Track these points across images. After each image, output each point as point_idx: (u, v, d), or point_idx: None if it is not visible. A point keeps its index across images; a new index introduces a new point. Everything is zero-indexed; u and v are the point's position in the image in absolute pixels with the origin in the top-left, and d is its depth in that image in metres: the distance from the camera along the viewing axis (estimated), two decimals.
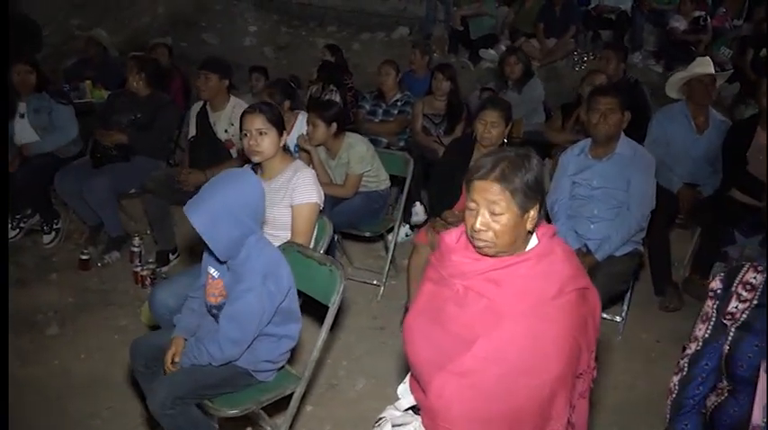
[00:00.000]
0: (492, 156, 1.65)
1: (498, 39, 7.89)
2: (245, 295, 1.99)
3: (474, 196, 1.61)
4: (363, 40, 8.73)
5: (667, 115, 3.95)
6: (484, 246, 1.61)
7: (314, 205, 2.62)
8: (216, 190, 1.99)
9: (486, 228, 1.59)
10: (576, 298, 1.61)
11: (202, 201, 1.97)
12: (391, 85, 4.93)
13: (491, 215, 1.59)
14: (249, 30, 9.36)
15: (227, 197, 1.97)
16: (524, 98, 5.01)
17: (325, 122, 3.47)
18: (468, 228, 1.64)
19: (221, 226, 1.95)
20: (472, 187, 1.62)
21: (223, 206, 1.96)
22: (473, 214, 1.62)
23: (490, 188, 1.59)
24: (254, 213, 2.03)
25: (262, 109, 2.60)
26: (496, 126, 3.27)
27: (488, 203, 1.59)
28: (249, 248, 2.02)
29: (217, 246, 1.98)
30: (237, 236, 1.98)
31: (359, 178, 3.57)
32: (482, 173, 1.60)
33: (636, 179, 3.03)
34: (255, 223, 2.04)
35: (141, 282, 3.72)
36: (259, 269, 1.99)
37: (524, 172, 1.61)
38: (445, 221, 3.33)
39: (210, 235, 1.96)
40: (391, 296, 3.77)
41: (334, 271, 2.19)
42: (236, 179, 2.03)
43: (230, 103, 3.84)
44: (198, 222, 1.94)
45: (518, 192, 1.59)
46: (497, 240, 1.60)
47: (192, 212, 1.95)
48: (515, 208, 1.59)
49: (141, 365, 2.16)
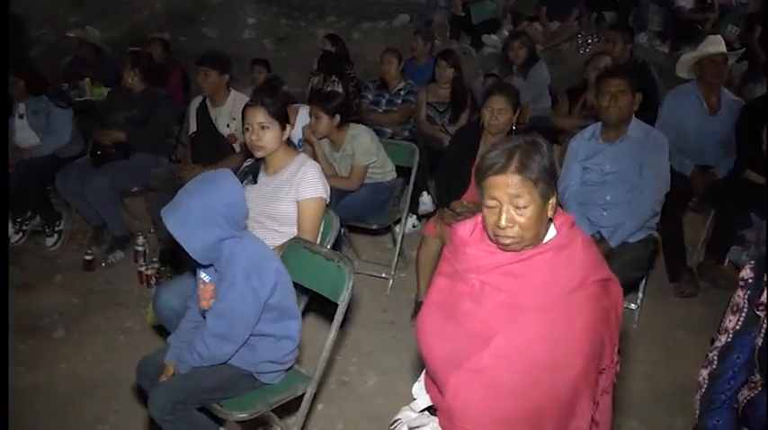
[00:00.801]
0: (501, 149, 1.57)
1: (500, 23, 7.77)
2: (228, 292, 1.95)
3: (493, 193, 1.53)
4: (364, 29, 8.61)
5: (678, 96, 3.86)
6: (511, 242, 1.54)
7: (320, 200, 2.55)
8: (191, 193, 1.93)
9: (512, 223, 1.52)
10: (597, 289, 1.54)
11: (178, 204, 1.92)
12: (394, 73, 4.84)
13: (515, 209, 1.52)
14: (248, 22, 9.25)
15: (203, 200, 1.91)
16: (530, 83, 4.91)
17: (327, 114, 3.40)
18: (489, 226, 1.56)
19: (196, 230, 1.90)
20: (489, 184, 1.54)
21: (198, 209, 1.90)
22: (494, 212, 1.54)
23: (510, 181, 1.51)
24: (231, 216, 1.96)
25: (264, 102, 2.52)
26: (504, 113, 3.19)
27: (511, 198, 1.52)
28: (231, 248, 1.96)
29: (193, 250, 1.93)
30: (213, 240, 1.93)
31: (364, 170, 3.50)
32: (498, 167, 1.53)
33: (649, 162, 2.95)
34: (234, 226, 1.97)
35: (146, 282, 3.66)
36: (241, 266, 1.94)
37: (540, 157, 1.55)
38: (453, 212, 3.26)
39: (186, 239, 1.90)
40: (400, 289, 3.71)
41: (342, 267, 2.13)
42: (212, 181, 1.96)
43: (231, 96, 3.76)
44: (173, 226, 1.88)
45: (540, 180, 1.52)
46: (525, 234, 1.53)
47: (167, 216, 1.89)
48: (538, 197, 1.52)
49: (147, 384, 2.11)
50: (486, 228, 1.59)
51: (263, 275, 1.97)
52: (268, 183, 2.60)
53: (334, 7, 9.31)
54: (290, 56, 8.42)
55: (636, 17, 7.55)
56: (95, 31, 6.39)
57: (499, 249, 1.61)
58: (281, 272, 2.05)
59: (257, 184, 2.64)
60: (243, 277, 1.93)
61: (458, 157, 3.38)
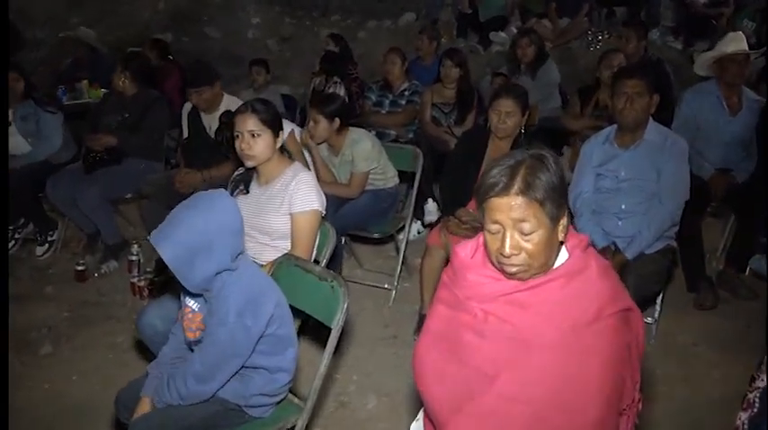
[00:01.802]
0: (503, 166, 1.39)
1: (508, 20, 7.59)
2: (216, 329, 1.77)
3: (495, 217, 1.36)
4: (369, 29, 8.45)
5: (697, 95, 3.66)
6: (517, 271, 1.37)
7: (315, 213, 2.39)
8: (189, 217, 1.74)
9: (518, 250, 1.35)
10: (616, 322, 1.37)
11: (173, 229, 1.72)
12: (398, 74, 4.67)
13: (520, 235, 1.35)
14: (252, 22, 9.11)
15: (203, 228, 1.72)
16: (538, 83, 4.73)
17: (326, 118, 3.23)
18: (492, 253, 1.39)
19: (196, 261, 1.71)
20: (490, 207, 1.37)
21: (198, 239, 1.71)
22: (497, 237, 1.37)
23: (514, 204, 1.34)
24: (233, 245, 1.79)
25: (255, 108, 2.35)
26: (512, 116, 3.02)
27: (515, 222, 1.34)
28: (224, 280, 1.78)
29: (191, 281, 1.75)
30: (212, 272, 1.75)
31: (365, 176, 3.33)
32: (500, 188, 1.35)
33: (668, 168, 2.76)
34: (232, 255, 1.79)
35: (139, 294, 3.52)
36: (234, 301, 1.76)
37: (548, 174, 1.37)
38: (459, 220, 3.09)
39: (184, 270, 1.72)
40: (404, 300, 3.55)
41: (336, 288, 1.96)
42: (210, 204, 1.78)
43: (223, 102, 3.60)
44: (169, 255, 1.69)
45: (547, 200, 1.34)
46: (533, 261, 1.36)
47: (161, 243, 1.70)
48: (547, 220, 1.35)
49: (126, 417, 1.94)
50: (489, 255, 1.42)
51: (257, 311, 1.78)
52: (260, 195, 2.44)
53: (339, 6, 9.16)
54: (293, 55, 8.29)
55: (647, 12, 7.35)
56: (90, 32, 6.26)
57: (504, 276, 1.44)
58: (281, 303, 1.87)
59: (249, 195, 2.48)
60: (235, 315, 1.75)
61: (463, 162, 3.21)
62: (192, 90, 3.56)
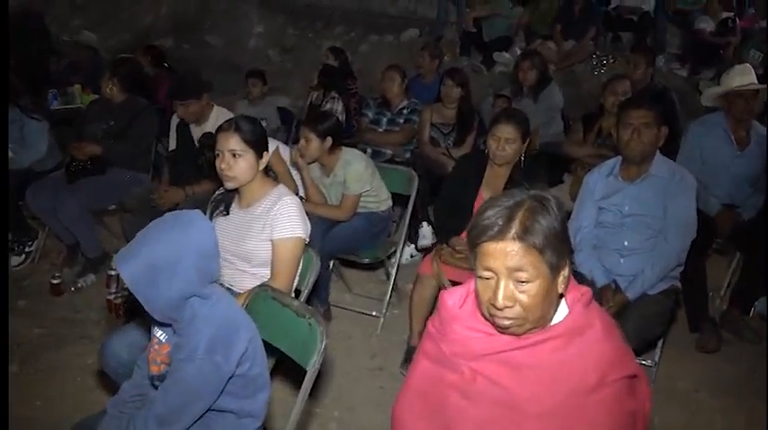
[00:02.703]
0: (499, 207, 1.25)
1: (513, 41, 7.49)
2: (183, 366, 1.60)
3: (489, 263, 1.22)
4: (371, 42, 8.35)
5: (703, 127, 3.52)
6: (511, 325, 1.23)
7: (298, 240, 2.23)
8: (154, 237, 1.60)
9: (512, 302, 1.21)
10: (621, 390, 1.22)
11: (137, 249, 1.58)
12: (396, 91, 4.54)
13: (515, 284, 1.20)
14: (254, 31, 9.03)
15: (169, 247, 1.57)
16: (541, 106, 4.59)
17: (318, 136, 3.09)
18: (483, 303, 1.25)
19: (158, 282, 1.56)
20: (483, 252, 1.23)
21: (162, 258, 1.56)
22: (490, 286, 1.23)
23: (510, 250, 1.19)
24: (204, 269, 1.63)
25: (238, 126, 2.20)
26: (512, 143, 2.88)
27: (511, 271, 1.20)
28: (195, 310, 1.62)
29: (152, 306, 1.59)
30: (176, 297, 1.59)
31: (357, 199, 3.18)
32: (495, 232, 1.21)
33: (674, 205, 2.61)
34: (204, 281, 1.64)
35: (115, 312, 3.34)
36: (205, 334, 1.60)
37: (549, 219, 1.23)
38: (453, 250, 2.95)
39: (144, 293, 1.57)
40: (392, 329, 3.39)
41: (314, 325, 1.81)
42: (180, 224, 1.63)
43: (213, 114, 3.46)
44: (128, 274, 1.55)
45: (547, 248, 1.20)
46: (528, 315, 1.22)
47: (122, 265, 1.56)
48: (546, 270, 1.20)
49: None
50: (480, 305, 1.27)
51: (229, 348, 1.62)
52: (241, 218, 2.29)
53: (343, 18, 9.08)
54: (295, 67, 8.18)
55: (654, 39, 7.26)
56: (92, 35, 6.14)
57: (496, 330, 1.29)
58: (254, 340, 1.71)
59: (229, 217, 2.33)
60: (204, 350, 1.58)
61: (459, 188, 3.07)
62: (177, 102, 3.43)
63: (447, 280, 2.90)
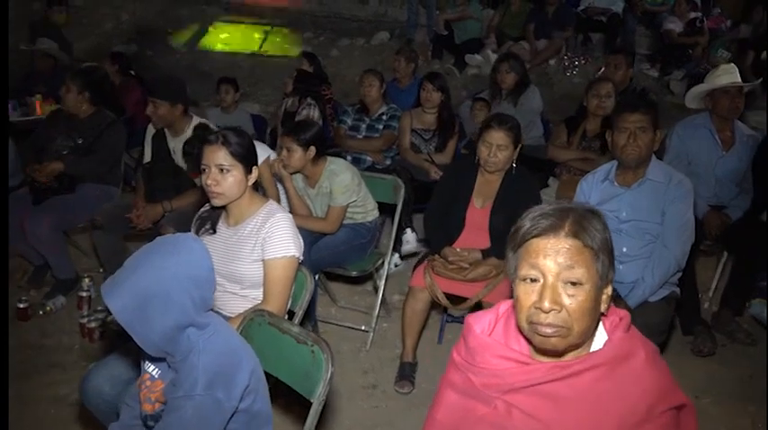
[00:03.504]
0: (546, 209, 1.18)
1: (484, 43, 7.47)
2: (181, 404, 1.46)
3: (537, 260, 1.13)
4: (342, 47, 8.24)
5: (688, 129, 3.51)
6: (553, 333, 1.13)
7: (291, 260, 2.10)
8: (143, 264, 1.46)
9: (559, 306, 1.11)
10: (669, 421, 1.14)
11: (125, 279, 1.45)
12: (375, 96, 4.43)
13: (564, 286, 1.12)
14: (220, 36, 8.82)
15: (161, 274, 1.44)
16: (520, 110, 4.52)
17: (301, 146, 2.96)
18: (524, 309, 1.15)
19: (150, 314, 1.43)
20: (531, 250, 1.15)
21: (154, 287, 1.43)
22: (534, 289, 1.13)
23: (563, 247, 1.12)
24: (200, 297, 1.50)
25: (226, 139, 2.06)
26: (504, 149, 2.80)
27: (562, 269, 1.12)
28: (192, 343, 1.49)
29: (145, 340, 1.46)
30: (171, 327, 1.46)
31: (343, 211, 3.06)
32: (546, 227, 1.13)
33: (673, 209, 2.56)
34: (199, 310, 1.51)
35: (89, 337, 3.17)
36: (204, 371, 1.47)
37: (601, 227, 1.16)
38: (445, 260, 2.85)
39: (135, 326, 1.44)
40: (382, 343, 3.28)
41: (317, 353, 1.69)
42: (172, 249, 1.50)
43: (191, 125, 3.30)
44: (117, 306, 1.42)
45: (601, 252, 1.13)
46: (574, 325, 1.13)
47: (109, 294, 1.43)
48: (596, 276, 1.13)
49: None
50: (519, 313, 1.17)
51: (231, 382, 1.49)
52: (229, 237, 2.15)
53: (312, 22, 8.95)
54: (264, 72, 8.00)
55: (623, 39, 7.30)
56: (52, 43, 5.87)
57: (531, 358, 1.19)
58: (257, 372, 1.58)
59: (216, 236, 2.19)
60: (204, 386, 1.45)
61: (450, 197, 2.97)
62: (150, 99, 3.25)
63: (441, 292, 2.80)
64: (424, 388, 2.90)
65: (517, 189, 2.86)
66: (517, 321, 1.19)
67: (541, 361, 1.20)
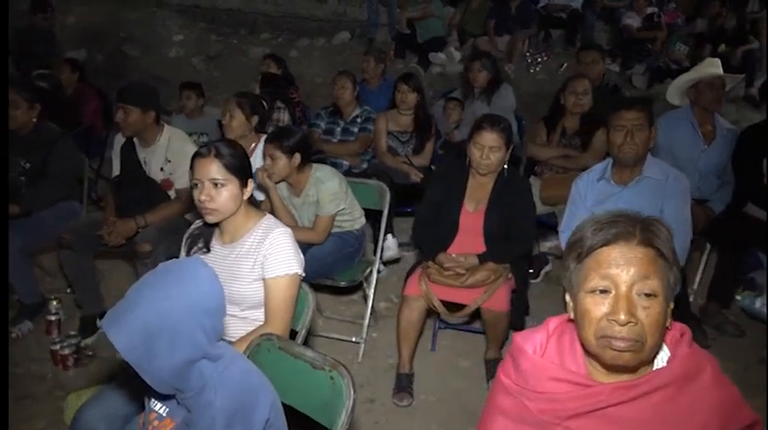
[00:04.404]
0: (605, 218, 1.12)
1: (446, 41, 7.43)
2: None
3: (608, 270, 1.07)
4: (301, 47, 8.07)
5: (670, 122, 3.51)
6: (627, 348, 1.05)
7: (294, 277, 1.97)
8: (148, 295, 1.32)
9: (634, 319, 1.04)
10: None
11: (129, 311, 1.31)
12: (349, 99, 4.31)
13: (639, 298, 1.05)
14: (174, 39, 8.53)
15: (167, 305, 1.31)
16: (494, 108, 4.46)
17: (285, 154, 2.83)
18: (592, 324, 1.08)
19: (160, 349, 1.29)
20: (600, 259, 1.08)
21: (160, 319, 1.30)
22: (604, 301, 1.07)
23: (636, 255, 1.06)
24: (208, 327, 1.37)
25: (219, 152, 1.92)
26: (496, 151, 2.73)
27: (635, 280, 1.05)
28: (205, 377, 1.36)
29: (154, 378, 1.32)
30: (183, 362, 1.33)
31: (331, 220, 2.94)
32: (616, 234, 1.07)
33: (671, 207, 2.55)
34: (211, 341, 1.38)
35: (62, 364, 2.95)
36: (221, 408, 1.34)
37: (669, 236, 1.12)
38: (440, 267, 2.76)
39: (144, 364, 1.30)
40: (374, 354, 3.18)
41: (337, 378, 1.57)
42: (178, 277, 1.36)
43: (164, 134, 3.12)
44: (123, 343, 1.28)
45: (673, 264, 1.09)
46: (648, 339, 1.06)
47: (113, 329, 1.29)
48: (667, 288, 1.08)
49: None
50: (586, 327, 1.09)
51: (250, 420, 1.37)
52: (225, 256, 2.01)
53: (268, 23, 8.74)
54: (222, 75, 7.78)
55: (583, 35, 7.38)
56: None
57: (590, 378, 1.11)
58: (275, 404, 1.46)
59: (210, 254, 2.04)
60: (223, 426, 1.33)
61: (442, 202, 2.89)
62: (119, 104, 3.05)
63: (437, 300, 2.72)
64: (423, 399, 2.82)
65: (510, 191, 2.80)
66: (582, 336, 1.11)
67: (602, 382, 1.12)
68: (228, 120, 3.26)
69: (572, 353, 1.17)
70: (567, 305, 1.16)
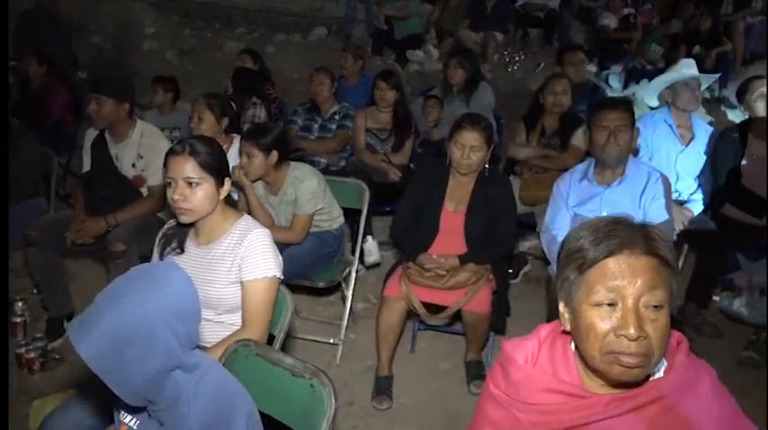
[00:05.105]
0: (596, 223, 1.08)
1: (424, 39, 7.38)
2: None
3: (614, 283, 1.02)
4: (278, 43, 7.96)
5: (649, 124, 3.51)
6: (636, 364, 1.01)
7: (272, 280, 1.91)
8: (118, 299, 1.24)
9: (644, 334, 1.00)
10: None
11: (97, 319, 1.22)
12: (327, 95, 4.23)
13: (647, 311, 1.01)
14: (147, 32, 8.35)
15: (138, 311, 1.23)
16: (473, 107, 4.42)
17: (262, 151, 2.75)
18: (598, 339, 1.03)
19: (131, 358, 1.21)
20: (602, 271, 1.03)
21: (131, 327, 1.22)
22: (609, 315, 1.02)
23: (642, 266, 1.01)
24: (182, 334, 1.29)
25: (194, 149, 1.84)
26: (477, 150, 2.69)
27: (642, 292, 1.00)
28: (180, 388, 1.29)
29: (124, 389, 1.24)
30: (156, 371, 1.25)
31: (309, 219, 2.87)
32: (619, 243, 1.02)
33: (653, 207, 2.54)
34: (185, 349, 1.31)
35: (28, 368, 2.84)
36: (196, 420, 1.27)
37: (669, 241, 1.06)
38: (421, 268, 2.72)
39: (113, 374, 1.22)
40: (352, 356, 3.12)
41: (317, 386, 1.51)
42: (150, 281, 1.28)
43: (136, 129, 3.02)
44: (90, 354, 1.20)
45: (675, 271, 1.05)
46: (655, 352, 1.02)
47: (79, 338, 1.20)
48: (670, 298, 1.04)
49: None
50: (590, 342, 1.04)
51: None
52: (201, 257, 1.93)
53: (243, 17, 8.60)
54: (196, 69, 7.63)
55: (560, 35, 7.41)
56: None
57: (584, 389, 1.07)
58: (253, 414, 1.39)
59: (185, 255, 1.96)
60: None
61: (421, 202, 2.84)
62: (92, 95, 2.94)
63: (418, 301, 2.67)
64: (402, 402, 2.77)
65: (491, 191, 2.76)
66: (585, 350, 1.06)
67: (597, 393, 1.08)
68: (197, 122, 3.11)
69: (565, 362, 1.13)
70: (562, 316, 1.12)
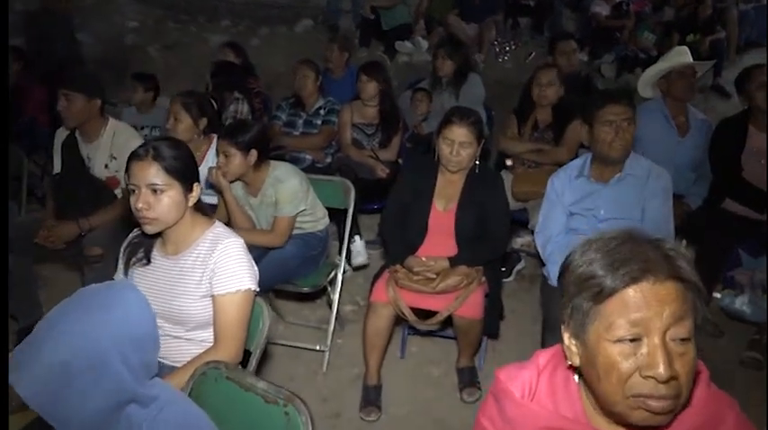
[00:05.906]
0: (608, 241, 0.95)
1: (412, 29, 7.22)
2: None
3: (637, 315, 0.89)
4: (263, 35, 7.78)
5: (644, 115, 3.35)
6: (664, 409, 0.88)
7: (247, 294, 1.76)
8: (63, 328, 1.11)
9: (674, 373, 0.87)
10: None
11: (37, 347, 1.09)
12: (311, 89, 4.08)
13: (674, 344, 0.88)
14: (129, 26, 8.14)
15: (86, 338, 1.09)
16: (462, 100, 4.29)
17: (240, 150, 2.60)
18: (621, 380, 0.90)
19: (75, 393, 1.08)
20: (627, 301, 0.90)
21: (78, 355, 1.08)
22: (637, 352, 0.89)
23: (668, 294, 0.89)
24: (138, 363, 1.16)
25: (158, 153, 1.69)
26: (467, 146, 2.55)
27: (671, 324, 0.88)
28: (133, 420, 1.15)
29: (67, 428, 1.11)
30: (106, 407, 1.12)
31: (291, 221, 2.72)
32: (640, 270, 0.89)
33: (652, 205, 2.41)
34: (141, 379, 1.17)
35: None
36: None
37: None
38: (410, 271, 2.58)
39: (57, 411, 1.08)
40: (340, 363, 2.99)
41: (293, 414, 1.37)
42: (101, 303, 1.15)
43: (108, 128, 2.86)
44: (28, 390, 1.06)
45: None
46: (684, 391, 0.90)
47: (17, 370, 1.07)
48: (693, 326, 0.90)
49: None
50: (612, 383, 0.90)
51: None
52: (168, 269, 1.78)
53: (228, 10, 8.41)
54: (180, 64, 7.44)
55: (551, 23, 7.26)
56: None
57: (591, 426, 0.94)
58: None
59: (151, 267, 1.82)
60: None
61: (409, 200, 2.70)
62: (62, 91, 2.80)
63: (407, 306, 2.54)
64: (392, 412, 2.64)
65: (482, 188, 2.63)
66: (604, 391, 0.91)
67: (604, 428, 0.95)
68: (174, 124, 2.95)
69: (567, 395, 0.99)
70: (568, 349, 0.98)
